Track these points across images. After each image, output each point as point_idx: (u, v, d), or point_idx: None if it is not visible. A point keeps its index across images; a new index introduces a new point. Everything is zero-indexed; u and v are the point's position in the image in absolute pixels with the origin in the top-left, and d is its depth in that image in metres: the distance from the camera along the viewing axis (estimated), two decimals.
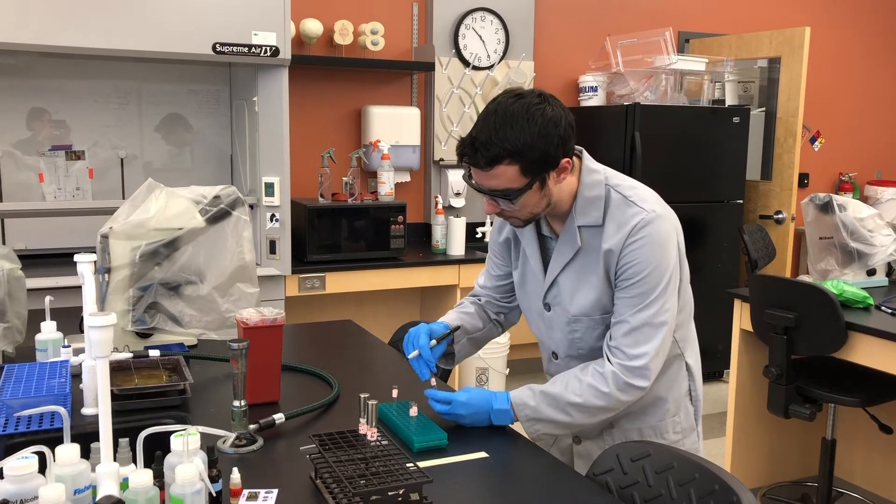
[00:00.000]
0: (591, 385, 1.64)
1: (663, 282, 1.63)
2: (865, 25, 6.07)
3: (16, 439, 1.57)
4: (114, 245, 2.07)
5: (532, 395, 1.69)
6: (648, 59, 4.68)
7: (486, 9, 4.65)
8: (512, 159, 1.53)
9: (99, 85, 3.81)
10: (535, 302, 1.82)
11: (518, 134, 1.52)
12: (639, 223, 1.61)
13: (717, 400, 4.77)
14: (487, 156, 1.53)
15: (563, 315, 1.74)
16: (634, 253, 1.61)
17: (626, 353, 1.64)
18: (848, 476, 3.61)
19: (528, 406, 1.68)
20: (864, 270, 3.19)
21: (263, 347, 1.77)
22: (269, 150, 3.61)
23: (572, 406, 1.66)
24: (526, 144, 1.52)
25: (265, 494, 1.34)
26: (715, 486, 1.38)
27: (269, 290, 3.65)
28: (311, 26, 4.16)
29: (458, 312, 1.96)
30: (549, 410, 1.67)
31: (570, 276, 1.71)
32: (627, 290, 1.64)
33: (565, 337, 1.76)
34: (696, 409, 1.86)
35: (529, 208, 1.63)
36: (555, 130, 1.54)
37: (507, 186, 1.56)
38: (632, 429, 1.78)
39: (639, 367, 1.63)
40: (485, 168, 1.56)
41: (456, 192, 4.66)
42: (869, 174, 6.25)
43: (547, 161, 1.56)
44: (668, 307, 1.65)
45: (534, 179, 1.56)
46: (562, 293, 1.73)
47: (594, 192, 1.66)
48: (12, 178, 3.69)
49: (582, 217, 1.67)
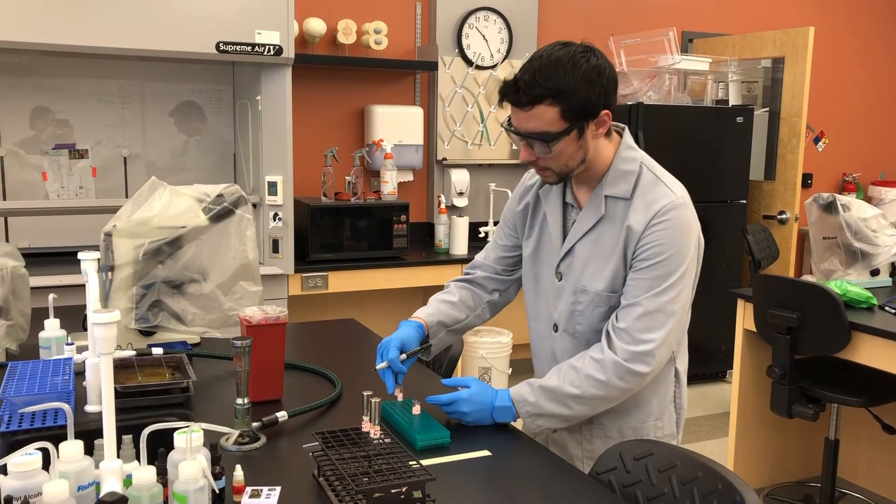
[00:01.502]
0: (588, 375, 1.63)
1: (681, 268, 1.62)
2: (869, 26, 6.07)
3: (19, 436, 1.58)
4: (117, 243, 2.07)
5: (531, 391, 1.68)
6: (652, 58, 4.67)
7: (489, 8, 4.65)
8: (553, 100, 1.53)
9: (102, 84, 3.82)
10: (546, 271, 1.79)
11: (562, 76, 1.52)
12: (668, 205, 1.62)
13: (720, 400, 4.76)
14: (529, 94, 1.53)
15: (572, 285, 1.73)
16: (658, 234, 1.61)
17: (633, 337, 1.61)
18: (851, 476, 3.61)
19: (528, 402, 1.68)
20: (868, 270, 3.19)
21: (266, 346, 1.77)
22: (273, 149, 3.62)
23: (571, 398, 1.65)
24: (568, 87, 1.52)
25: (268, 492, 1.34)
26: (718, 484, 1.38)
27: (272, 288, 3.66)
28: (314, 25, 4.16)
29: (439, 303, 1.91)
30: (549, 405, 1.66)
31: (586, 245, 1.70)
32: (645, 271, 1.62)
33: (568, 308, 1.74)
34: (679, 417, 1.83)
35: (564, 159, 1.62)
36: (598, 78, 1.55)
37: (545, 129, 1.56)
38: (612, 427, 1.76)
39: (643, 353, 1.61)
40: (525, 107, 1.55)
41: (459, 192, 4.66)
42: (873, 174, 6.24)
43: (587, 109, 1.56)
44: (682, 298, 1.63)
45: (572, 126, 1.56)
46: (575, 262, 1.72)
47: (628, 167, 1.67)
48: (16, 177, 3.70)
49: (611, 187, 1.67)
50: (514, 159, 4.84)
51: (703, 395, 4.86)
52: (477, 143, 4.74)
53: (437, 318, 1.88)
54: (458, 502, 1.36)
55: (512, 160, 4.84)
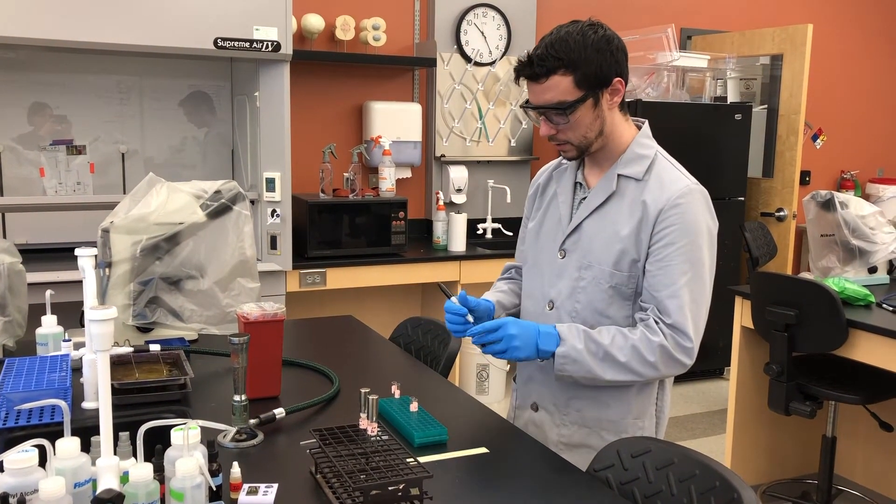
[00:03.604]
0: (637, 349, 1.62)
1: (706, 253, 1.65)
2: (868, 23, 6.06)
3: (16, 433, 1.58)
4: (115, 239, 2.07)
5: (579, 336, 1.64)
6: (650, 55, 4.67)
7: (487, 4, 4.64)
8: (566, 70, 1.61)
9: (100, 80, 3.81)
10: (549, 248, 1.80)
11: (572, 46, 1.61)
12: (685, 189, 1.65)
13: (718, 397, 4.77)
14: (543, 66, 1.62)
15: (577, 261, 1.73)
16: (680, 218, 1.63)
17: (682, 331, 1.62)
18: (848, 473, 3.61)
19: (571, 343, 1.63)
20: (866, 268, 3.19)
21: (264, 342, 1.77)
22: (271, 145, 3.61)
23: (613, 362, 1.63)
24: (580, 56, 1.61)
25: (265, 489, 1.34)
26: (716, 482, 1.38)
27: (270, 285, 3.65)
28: (312, 21, 4.16)
29: (498, 293, 1.95)
30: (588, 357, 1.63)
31: (595, 221, 1.72)
32: (672, 256, 1.62)
33: (569, 284, 1.74)
34: (660, 422, 1.80)
35: (583, 129, 1.67)
36: (608, 47, 1.63)
37: (561, 98, 1.62)
38: (590, 416, 1.76)
39: (690, 348, 1.64)
40: (540, 80, 1.63)
41: (457, 189, 4.66)
42: (871, 172, 6.24)
43: (599, 76, 1.63)
44: (709, 285, 1.68)
45: (587, 94, 1.63)
46: (582, 238, 1.73)
47: (644, 151, 1.72)
48: (13, 173, 3.70)
49: (625, 167, 1.71)
50: (513, 156, 4.84)
51: (700, 392, 4.86)
52: (475, 140, 4.73)
53: (502, 302, 1.91)
54: (456, 500, 1.36)
55: (511, 157, 4.84)
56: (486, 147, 4.77)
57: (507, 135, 4.81)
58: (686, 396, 4.78)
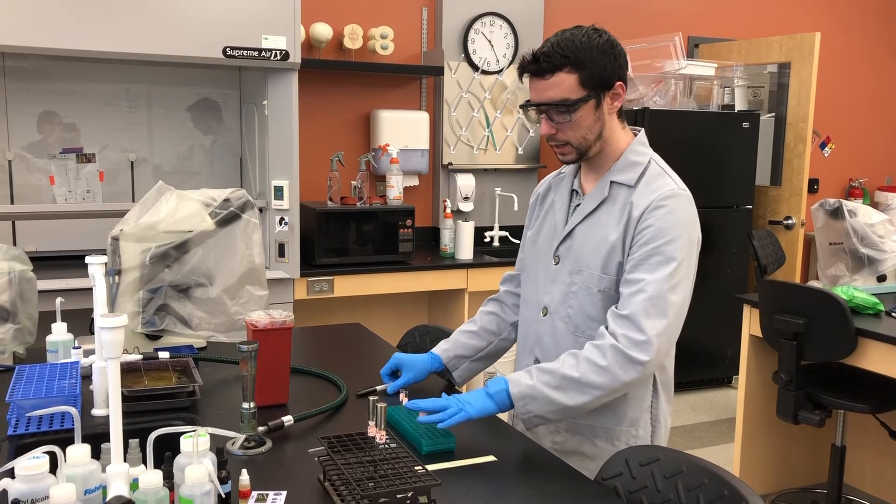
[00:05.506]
0: (588, 359, 1.59)
1: (681, 254, 1.61)
2: (876, 31, 6.06)
3: (27, 439, 1.58)
4: (124, 247, 2.08)
5: (528, 374, 1.64)
6: (658, 63, 4.67)
7: (495, 13, 4.66)
8: (572, 67, 1.63)
9: (109, 88, 3.83)
10: (545, 255, 1.82)
11: (579, 46, 1.63)
12: (669, 192, 1.65)
13: (726, 406, 4.75)
14: (550, 63, 1.63)
15: (569, 266, 1.75)
16: (660, 220, 1.62)
17: (634, 324, 1.58)
18: (858, 483, 3.59)
19: (523, 383, 1.62)
20: (875, 276, 3.18)
21: (272, 350, 1.77)
22: (279, 153, 3.63)
23: (569, 381, 1.59)
24: (586, 56, 1.63)
25: (274, 496, 1.34)
26: (724, 491, 1.37)
27: (278, 292, 3.66)
28: (321, 30, 4.18)
29: (458, 334, 1.99)
30: (545, 389, 1.60)
31: (586, 227, 1.74)
32: (644, 254, 1.62)
33: (562, 290, 1.75)
34: (656, 431, 1.78)
35: (583, 130, 1.68)
36: (612, 50, 1.66)
37: (565, 96, 1.64)
38: (583, 424, 1.75)
39: (643, 342, 1.57)
40: (546, 76, 1.64)
41: (464, 197, 4.66)
42: (879, 180, 6.22)
43: (604, 77, 1.65)
44: (682, 290, 1.62)
45: (591, 94, 1.64)
46: (574, 244, 1.75)
47: (638, 158, 1.73)
48: (23, 181, 3.72)
49: (618, 174, 1.72)
50: (520, 164, 4.84)
51: (708, 401, 4.85)
52: (483, 148, 4.74)
53: (454, 352, 1.95)
54: None
55: (518, 165, 4.84)
56: (494, 155, 4.78)
57: (514, 143, 4.82)
58: (694, 405, 4.77)
